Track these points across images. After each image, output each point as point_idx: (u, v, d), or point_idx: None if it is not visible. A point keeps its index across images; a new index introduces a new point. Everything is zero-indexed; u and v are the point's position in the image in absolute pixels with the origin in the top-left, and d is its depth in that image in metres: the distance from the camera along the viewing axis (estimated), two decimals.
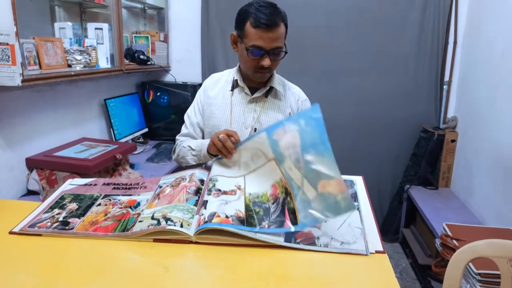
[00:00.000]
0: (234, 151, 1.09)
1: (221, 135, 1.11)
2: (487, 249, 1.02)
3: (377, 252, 0.83)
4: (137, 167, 2.06)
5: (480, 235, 1.59)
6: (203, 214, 0.88)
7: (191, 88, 2.60)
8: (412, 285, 2.26)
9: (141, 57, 2.30)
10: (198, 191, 1.00)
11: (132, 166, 2.00)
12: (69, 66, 1.74)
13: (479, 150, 2.23)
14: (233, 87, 1.40)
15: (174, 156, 1.43)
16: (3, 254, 0.83)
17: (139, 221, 0.90)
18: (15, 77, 1.33)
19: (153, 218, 0.89)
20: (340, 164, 0.84)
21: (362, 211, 0.95)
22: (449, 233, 1.77)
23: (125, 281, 0.74)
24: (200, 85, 1.51)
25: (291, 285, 0.74)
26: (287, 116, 1.39)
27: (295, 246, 0.83)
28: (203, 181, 1.05)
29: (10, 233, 0.90)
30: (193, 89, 2.58)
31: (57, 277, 0.75)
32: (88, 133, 2.08)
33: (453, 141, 2.55)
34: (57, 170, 1.60)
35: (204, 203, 0.93)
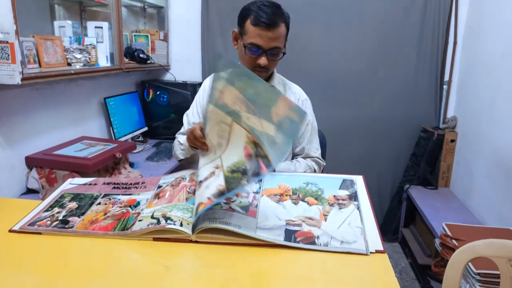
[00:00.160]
0: (203, 139, 1.06)
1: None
2: (486, 249, 1.02)
3: (377, 251, 0.82)
4: (136, 166, 2.06)
5: (479, 235, 1.59)
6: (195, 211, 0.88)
7: (191, 87, 2.59)
8: (411, 285, 2.26)
9: (141, 56, 2.30)
10: None
11: (131, 165, 2.00)
12: (69, 64, 1.74)
13: (479, 150, 2.23)
14: None
15: (172, 152, 1.48)
16: (3, 252, 0.83)
17: (139, 220, 0.90)
18: (14, 75, 1.32)
19: (152, 217, 0.89)
20: (339, 164, 0.84)
21: (362, 210, 0.95)
22: (449, 233, 1.77)
23: (125, 279, 0.74)
24: (200, 84, 1.51)
25: (291, 284, 0.74)
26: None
27: (294, 245, 0.83)
28: None
29: (10, 231, 0.90)
30: (193, 88, 2.58)
31: (57, 275, 0.75)
32: (88, 131, 2.08)
33: (452, 141, 2.55)
34: (56, 168, 1.60)
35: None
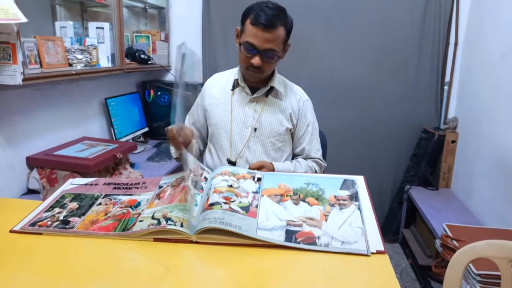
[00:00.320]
0: (177, 139, 1.12)
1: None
2: (487, 250, 1.02)
3: (378, 252, 0.82)
4: (137, 166, 2.06)
5: (480, 235, 1.58)
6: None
7: (191, 88, 2.59)
8: (412, 285, 2.26)
9: (142, 56, 2.30)
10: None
11: (132, 166, 2.00)
12: (70, 65, 1.74)
13: (480, 151, 2.23)
14: (234, 87, 1.40)
15: None
16: (3, 252, 0.83)
17: (140, 221, 0.90)
18: (16, 76, 1.33)
19: (153, 217, 0.89)
20: (340, 164, 0.84)
21: (363, 211, 0.94)
22: (449, 234, 1.76)
23: (125, 280, 0.74)
24: (201, 84, 1.52)
25: (292, 285, 0.74)
26: (287, 116, 1.39)
27: (295, 246, 0.83)
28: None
29: (11, 231, 0.90)
30: (194, 88, 2.58)
31: (58, 276, 0.75)
32: (89, 132, 2.08)
33: (453, 141, 2.55)
34: (57, 169, 1.60)
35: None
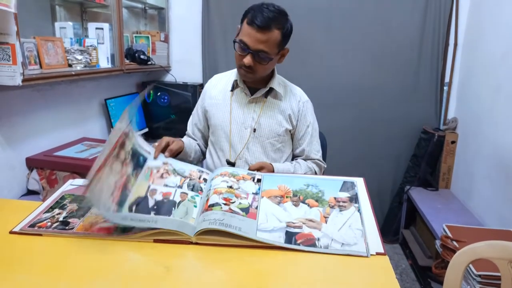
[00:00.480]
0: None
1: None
2: (487, 251, 1.02)
3: (377, 253, 0.82)
4: None
5: (480, 236, 1.59)
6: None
7: (191, 88, 2.59)
8: (412, 286, 2.26)
9: (142, 57, 2.30)
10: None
11: None
12: (70, 65, 1.74)
13: (479, 151, 2.23)
14: (233, 88, 1.40)
15: None
16: (3, 253, 0.83)
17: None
18: (15, 76, 1.33)
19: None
20: (340, 165, 0.84)
21: (363, 213, 0.95)
22: (449, 235, 1.76)
23: (125, 281, 0.74)
24: (201, 85, 1.53)
25: (291, 286, 0.74)
26: (286, 117, 1.39)
27: (295, 248, 0.83)
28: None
29: (11, 232, 0.90)
30: (194, 89, 2.58)
31: (57, 277, 0.75)
32: (89, 133, 2.08)
33: (453, 142, 2.55)
34: (57, 170, 1.60)
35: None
